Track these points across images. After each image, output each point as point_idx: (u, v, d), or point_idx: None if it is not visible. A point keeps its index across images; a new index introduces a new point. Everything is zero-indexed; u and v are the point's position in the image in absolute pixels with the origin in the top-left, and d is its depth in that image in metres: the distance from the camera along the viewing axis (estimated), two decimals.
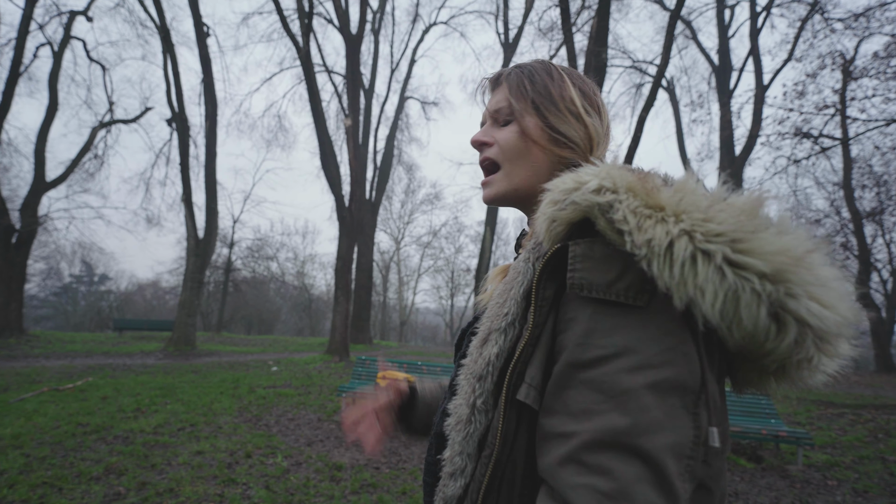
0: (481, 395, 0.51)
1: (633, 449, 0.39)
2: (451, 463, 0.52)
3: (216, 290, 26.15)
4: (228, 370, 8.72)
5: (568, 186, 0.48)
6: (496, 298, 0.56)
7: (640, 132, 7.12)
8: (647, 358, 0.41)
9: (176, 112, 12.92)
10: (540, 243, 0.53)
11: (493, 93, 0.69)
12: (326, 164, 11.56)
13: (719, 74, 14.95)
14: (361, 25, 13.09)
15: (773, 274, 0.39)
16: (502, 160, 0.65)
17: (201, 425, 4.53)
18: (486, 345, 0.53)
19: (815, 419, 5.68)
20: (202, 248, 12.63)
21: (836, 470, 3.96)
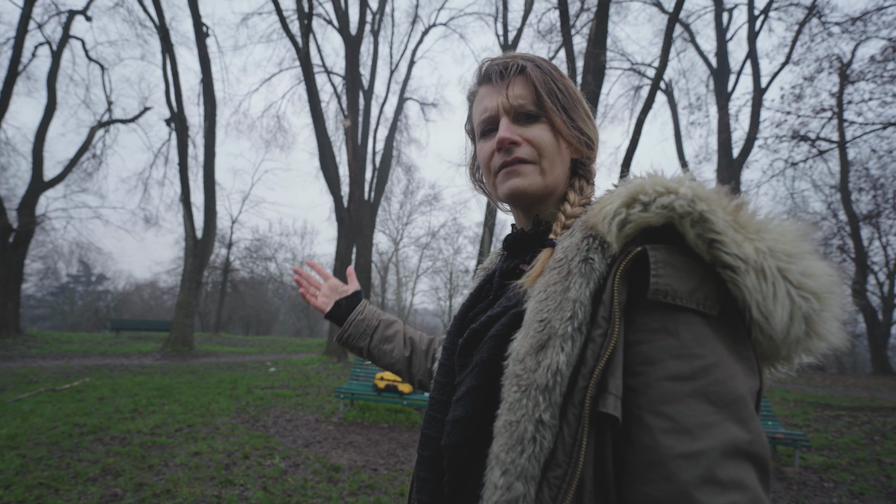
0: (548, 409, 0.46)
1: (752, 456, 0.41)
2: (510, 489, 0.45)
3: (214, 290, 26.09)
4: (226, 371, 8.70)
5: (658, 189, 0.47)
6: (540, 297, 0.51)
7: (639, 134, 7.14)
8: (740, 365, 0.44)
9: (175, 112, 12.90)
10: (602, 244, 0.51)
11: (511, 83, 0.62)
12: (325, 164, 11.55)
13: (717, 77, 15.01)
14: (361, 26, 13.11)
15: (822, 294, 0.44)
16: (536, 158, 0.61)
17: (199, 426, 4.52)
18: (545, 351, 0.47)
19: (811, 421, 5.70)
20: (200, 248, 12.60)
21: (833, 472, 3.97)
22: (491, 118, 0.64)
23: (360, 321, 0.97)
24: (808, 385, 10.08)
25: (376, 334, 0.96)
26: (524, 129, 0.62)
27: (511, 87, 0.62)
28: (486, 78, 0.65)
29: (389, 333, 0.97)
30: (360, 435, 4.60)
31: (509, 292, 0.60)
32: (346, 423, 5.01)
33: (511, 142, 0.61)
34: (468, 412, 0.54)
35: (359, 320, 0.97)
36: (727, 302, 0.45)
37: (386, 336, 0.96)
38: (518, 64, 0.63)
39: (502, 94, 0.62)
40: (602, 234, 0.51)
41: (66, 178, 14.10)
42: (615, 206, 0.49)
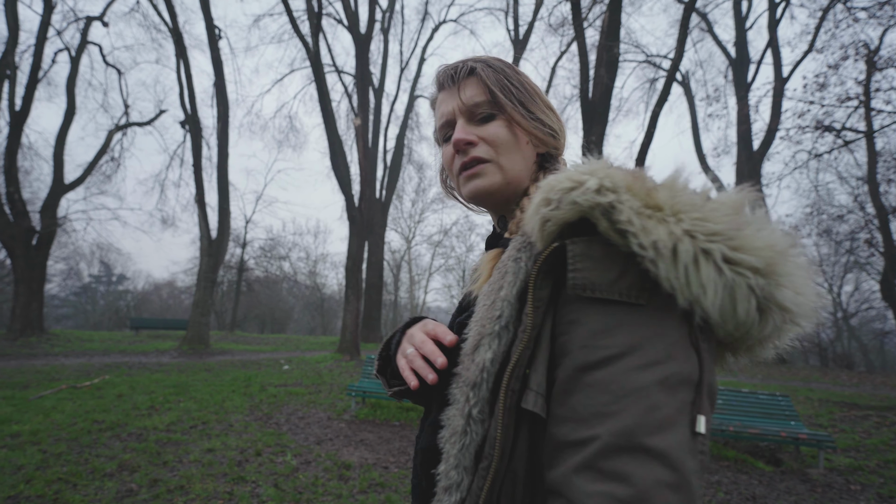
0: (476, 405, 0.48)
1: (649, 450, 0.38)
2: (447, 477, 0.48)
3: (230, 289, 26.54)
4: (241, 369, 8.82)
5: (564, 186, 0.47)
6: (483, 300, 0.53)
7: (654, 128, 6.98)
8: (654, 354, 0.41)
9: (189, 114, 13.11)
10: (530, 243, 0.52)
11: (463, 86, 0.62)
12: (336, 163, 11.61)
13: (736, 67, 14.62)
14: (371, 25, 13.12)
15: (764, 268, 0.41)
16: (493, 156, 0.61)
17: (213, 423, 4.58)
18: (478, 350, 0.50)
19: (837, 421, 5.51)
20: (215, 248, 12.80)
21: (860, 474, 3.83)
22: (448, 122, 0.64)
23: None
24: (833, 384, 9.75)
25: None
26: (480, 128, 0.61)
27: (463, 89, 0.62)
28: (441, 84, 0.66)
29: None
30: (371, 433, 4.60)
31: (472, 295, 0.60)
32: (358, 421, 5.02)
33: (466, 142, 0.61)
34: (437, 417, 0.55)
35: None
36: (657, 290, 0.43)
37: None
38: (468, 66, 0.63)
39: (455, 97, 0.62)
40: (528, 234, 0.51)
41: (85, 181, 14.47)
42: (534, 205, 0.49)
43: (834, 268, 21.66)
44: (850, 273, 21.53)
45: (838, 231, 16.81)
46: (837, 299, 22.57)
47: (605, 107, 7.03)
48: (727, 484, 3.57)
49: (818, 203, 16.69)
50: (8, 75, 12.10)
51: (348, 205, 11.77)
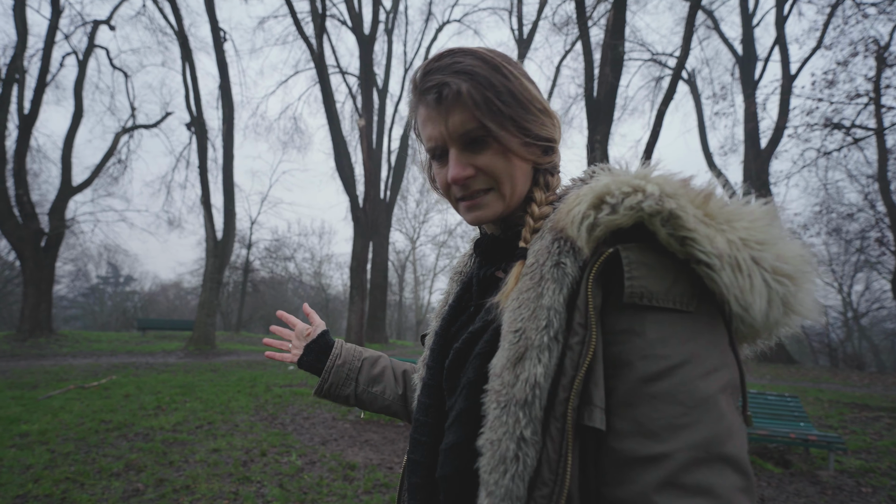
0: (528, 425, 0.44)
1: (724, 458, 0.38)
2: None
3: (235, 290, 26.67)
4: (246, 369, 8.86)
5: (624, 190, 0.46)
6: (516, 307, 0.49)
7: (660, 126, 6.93)
8: (712, 362, 0.42)
9: (194, 116, 13.20)
10: (573, 248, 0.49)
11: (450, 110, 0.56)
12: (341, 164, 11.64)
13: (743, 65, 14.50)
14: (374, 26, 13.15)
15: (796, 277, 0.43)
16: (493, 185, 0.58)
17: (218, 423, 4.59)
18: (522, 364, 0.46)
19: (847, 422, 5.43)
20: (220, 249, 12.87)
21: (872, 476, 3.77)
22: (438, 147, 0.59)
23: (340, 366, 0.85)
24: (844, 385, 9.61)
25: (361, 377, 0.86)
26: (475, 156, 0.57)
27: (451, 116, 0.55)
28: (426, 102, 0.58)
29: (376, 373, 0.86)
30: (376, 433, 4.60)
31: (488, 304, 0.57)
32: (363, 422, 5.02)
33: (465, 178, 0.57)
34: (459, 439, 0.51)
35: (338, 366, 0.85)
36: (704, 296, 0.44)
37: (373, 376, 0.86)
38: (452, 88, 0.55)
39: (443, 125, 0.56)
40: (572, 238, 0.49)
41: (93, 183, 14.61)
42: (582, 209, 0.47)
43: (844, 267, 21.33)
44: (860, 272, 21.18)
45: (848, 230, 16.57)
46: (848, 299, 22.20)
47: (610, 106, 6.99)
48: None
49: (827, 201, 16.44)
50: (17, 79, 12.24)
51: (353, 205, 11.79)
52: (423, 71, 0.58)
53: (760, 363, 13.25)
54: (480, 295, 0.62)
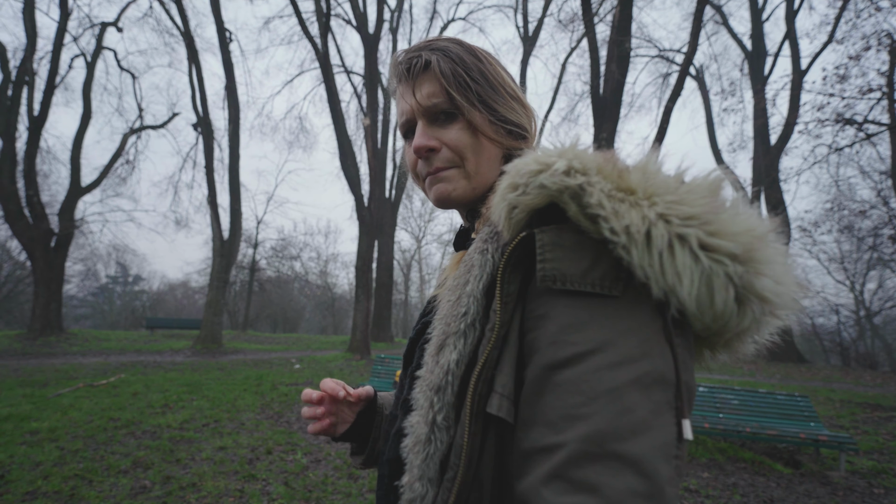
0: (441, 410, 0.44)
1: (621, 457, 0.34)
2: (411, 489, 0.44)
3: (242, 289, 26.88)
4: (253, 368, 8.91)
5: (531, 168, 0.43)
6: (447, 296, 0.49)
7: (667, 123, 6.85)
8: (627, 351, 0.38)
9: (201, 116, 13.30)
10: (497, 233, 0.48)
11: (419, 82, 0.56)
12: (346, 164, 11.66)
13: (752, 60, 14.31)
14: (379, 25, 13.15)
15: (743, 255, 0.38)
16: (457, 161, 0.57)
17: (225, 421, 4.62)
18: (442, 351, 0.46)
19: (859, 423, 5.34)
20: (227, 248, 12.96)
21: (884, 477, 3.71)
22: (408, 121, 0.59)
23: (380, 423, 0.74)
24: (856, 384, 9.47)
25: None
26: (442, 130, 0.57)
27: (419, 88, 0.56)
28: (402, 76, 0.58)
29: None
30: None
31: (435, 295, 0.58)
32: None
33: (428, 149, 0.57)
34: (402, 425, 0.51)
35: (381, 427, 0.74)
36: (633, 280, 0.40)
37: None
38: (423, 59, 0.56)
39: (411, 97, 0.57)
40: (495, 223, 0.48)
41: (101, 184, 14.78)
42: (502, 192, 0.45)
43: (856, 265, 20.97)
44: (873, 270, 20.80)
45: (860, 227, 16.25)
46: (860, 297, 21.83)
47: (617, 102, 6.92)
48: (744, 486, 3.48)
49: (839, 198, 16.16)
50: (27, 81, 12.40)
51: (358, 205, 11.82)
52: (401, 53, 0.59)
53: (770, 362, 13.07)
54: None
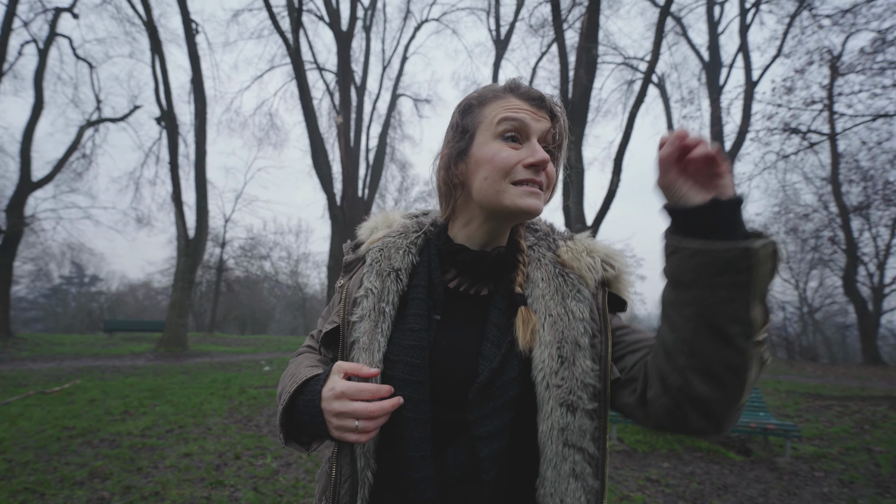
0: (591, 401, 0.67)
1: None
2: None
3: (209, 289, 25.95)
4: (220, 370, 8.66)
5: (612, 263, 0.72)
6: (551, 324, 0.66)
7: (631, 128, 7.13)
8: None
9: (165, 110, 12.75)
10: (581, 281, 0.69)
11: (556, 120, 0.68)
12: (318, 162, 11.48)
13: (709, 70, 15.02)
14: (352, 22, 13.01)
15: (616, 267, 0.72)
16: (546, 188, 0.67)
17: (190, 427, 4.49)
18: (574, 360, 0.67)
19: (803, 411, 5.74)
20: (193, 247, 12.50)
21: (824, 461, 4.00)
22: (522, 126, 0.64)
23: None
24: (799, 376, 10.17)
25: None
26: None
27: (557, 125, 0.67)
28: (529, 97, 0.67)
29: None
30: None
31: (492, 332, 0.64)
32: None
33: (546, 164, 0.64)
34: (502, 444, 0.60)
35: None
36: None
37: None
38: (557, 106, 0.69)
39: (543, 122, 0.66)
40: (585, 278, 0.67)
41: (55, 179, 13.93)
42: (597, 264, 0.68)
43: (800, 264, 22.49)
44: (814, 269, 22.38)
45: (804, 229, 17.56)
46: (803, 295, 23.49)
47: (585, 107, 7.15)
48: (700, 474, 3.68)
49: (785, 202, 17.45)
50: None
51: (330, 203, 11.66)
52: (526, 82, 0.71)
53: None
54: (448, 305, 0.68)
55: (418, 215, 0.79)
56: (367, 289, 0.68)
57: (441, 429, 0.61)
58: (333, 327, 0.71)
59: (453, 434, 0.61)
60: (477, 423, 0.59)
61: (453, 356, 0.63)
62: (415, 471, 0.59)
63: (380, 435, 0.62)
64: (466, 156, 0.66)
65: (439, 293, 0.67)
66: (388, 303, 0.66)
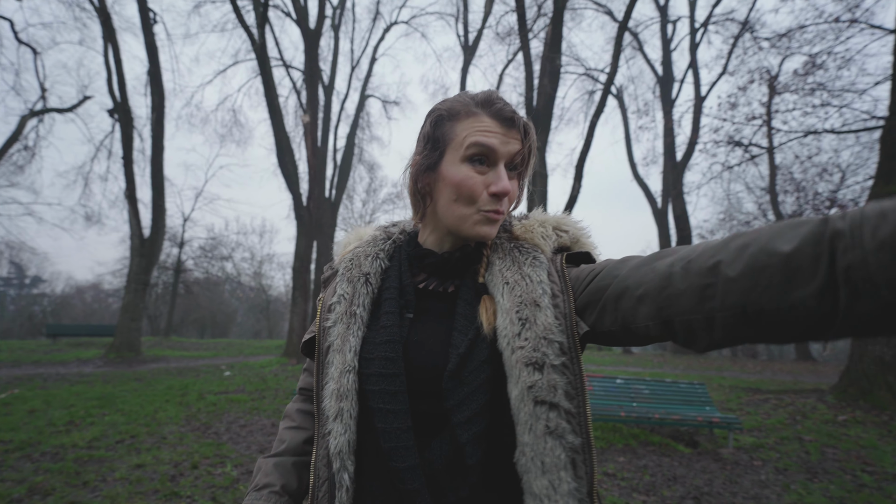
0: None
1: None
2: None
3: (165, 292, 24.73)
4: (176, 376, 8.29)
5: (562, 227, 0.75)
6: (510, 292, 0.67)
7: (591, 137, 7.44)
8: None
9: (118, 102, 12.09)
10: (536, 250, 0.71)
11: (515, 136, 0.67)
12: (283, 161, 11.22)
13: (663, 84, 15.88)
14: (320, 20, 12.80)
15: (570, 230, 0.77)
16: (505, 213, 0.69)
17: (143, 436, 4.30)
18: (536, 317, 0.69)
19: (744, 405, 6.15)
20: (148, 247, 11.91)
21: (761, 451, 4.27)
22: (490, 151, 0.65)
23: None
24: (741, 372, 10.91)
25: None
26: (511, 182, 0.68)
27: (513, 138, 0.67)
28: (501, 116, 0.66)
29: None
30: None
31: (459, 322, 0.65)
32: None
33: (507, 193, 0.66)
34: (483, 426, 0.60)
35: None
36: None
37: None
38: (525, 123, 0.68)
39: (511, 143, 0.66)
40: (539, 245, 0.70)
41: None
42: (549, 231, 0.72)
43: None
44: None
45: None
46: None
47: (548, 115, 7.40)
48: (652, 467, 3.85)
49: (730, 210, 18.92)
50: None
51: (296, 203, 11.42)
52: (499, 97, 0.69)
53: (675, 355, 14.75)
54: (419, 303, 0.70)
55: (388, 226, 0.82)
56: (340, 295, 0.71)
57: (426, 422, 0.62)
58: (311, 336, 0.76)
59: (438, 427, 0.62)
60: (454, 409, 0.60)
61: (426, 350, 0.65)
62: (399, 461, 0.60)
63: (359, 434, 0.64)
64: (435, 171, 0.68)
65: (410, 293, 0.70)
66: (360, 305, 0.69)
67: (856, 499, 3.17)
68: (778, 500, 3.19)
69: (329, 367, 0.68)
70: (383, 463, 0.62)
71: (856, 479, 3.56)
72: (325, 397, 0.67)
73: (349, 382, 0.64)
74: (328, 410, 0.66)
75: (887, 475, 3.62)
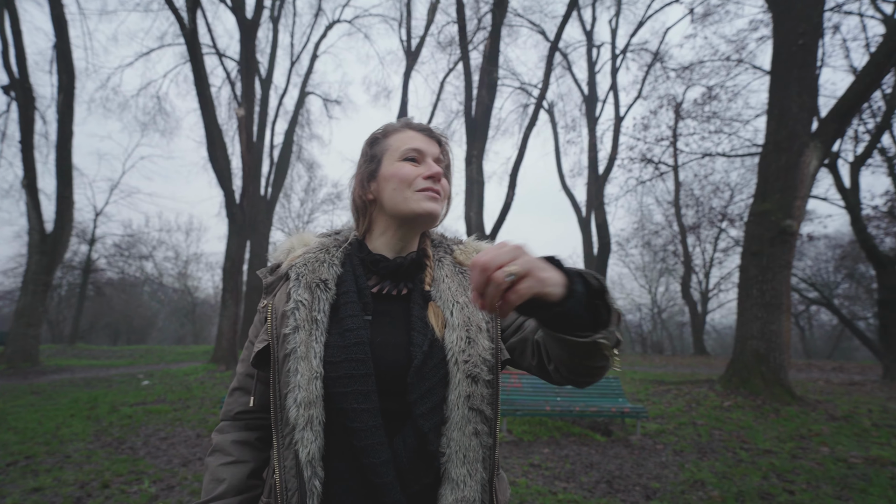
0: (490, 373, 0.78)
1: None
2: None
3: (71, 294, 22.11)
4: (83, 388, 7.52)
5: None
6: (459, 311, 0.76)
7: (525, 148, 7.89)
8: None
9: (16, 79, 10.68)
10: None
11: (444, 148, 0.84)
12: (215, 155, 10.58)
13: (588, 103, 17.24)
14: (258, 10, 12.24)
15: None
16: (443, 199, 0.81)
17: (42, 456, 3.89)
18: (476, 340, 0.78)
19: (651, 395, 6.82)
20: (50, 244, 10.62)
21: (663, 436, 4.77)
22: (419, 152, 0.80)
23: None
24: (650, 366, 12.20)
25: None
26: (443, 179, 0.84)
27: (444, 150, 0.83)
28: (420, 129, 0.83)
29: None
30: None
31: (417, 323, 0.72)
32: None
33: (440, 176, 0.80)
34: (441, 418, 0.69)
35: None
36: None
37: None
38: (441, 133, 0.85)
39: (433, 146, 0.82)
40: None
41: None
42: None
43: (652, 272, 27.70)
44: (663, 277, 27.70)
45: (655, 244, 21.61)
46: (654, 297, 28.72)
47: (486, 125, 7.73)
48: (573, 456, 4.14)
49: (643, 220, 21.29)
50: None
51: (228, 201, 10.82)
52: (418, 121, 0.86)
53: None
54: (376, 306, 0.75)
55: (331, 234, 0.88)
56: (297, 301, 0.72)
57: (389, 419, 0.68)
58: (264, 346, 0.74)
59: (400, 422, 0.68)
60: (417, 402, 0.67)
61: (388, 349, 0.71)
62: (373, 457, 0.64)
63: (327, 439, 0.67)
64: (376, 177, 0.80)
65: (367, 296, 0.75)
66: (320, 311, 0.72)
67: (734, 472, 3.66)
68: (675, 478, 3.58)
69: (292, 376, 0.68)
70: (350, 463, 0.66)
71: (735, 456, 4.12)
72: (290, 406, 0.67)
73: (317, 389, 0.67)
74: (294, 420, 0.66)
75: (759, 451, 4.24)
